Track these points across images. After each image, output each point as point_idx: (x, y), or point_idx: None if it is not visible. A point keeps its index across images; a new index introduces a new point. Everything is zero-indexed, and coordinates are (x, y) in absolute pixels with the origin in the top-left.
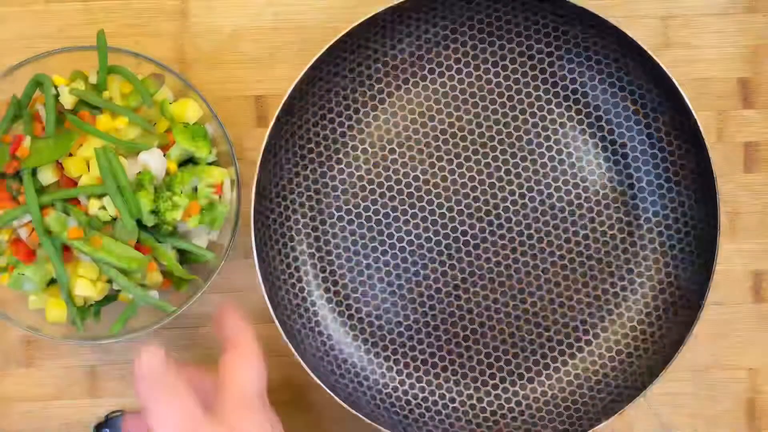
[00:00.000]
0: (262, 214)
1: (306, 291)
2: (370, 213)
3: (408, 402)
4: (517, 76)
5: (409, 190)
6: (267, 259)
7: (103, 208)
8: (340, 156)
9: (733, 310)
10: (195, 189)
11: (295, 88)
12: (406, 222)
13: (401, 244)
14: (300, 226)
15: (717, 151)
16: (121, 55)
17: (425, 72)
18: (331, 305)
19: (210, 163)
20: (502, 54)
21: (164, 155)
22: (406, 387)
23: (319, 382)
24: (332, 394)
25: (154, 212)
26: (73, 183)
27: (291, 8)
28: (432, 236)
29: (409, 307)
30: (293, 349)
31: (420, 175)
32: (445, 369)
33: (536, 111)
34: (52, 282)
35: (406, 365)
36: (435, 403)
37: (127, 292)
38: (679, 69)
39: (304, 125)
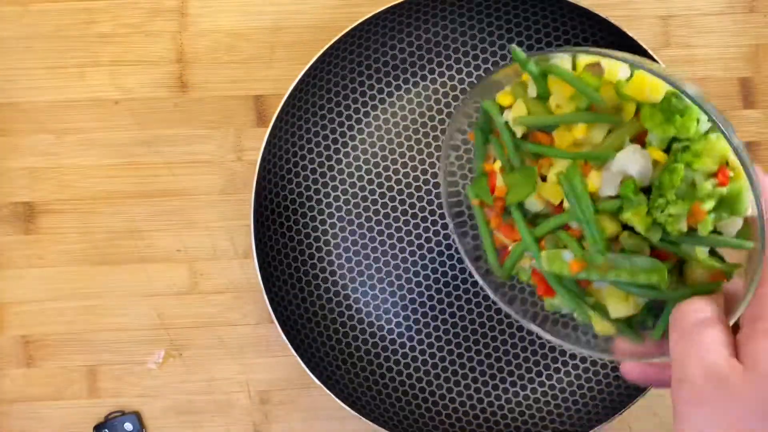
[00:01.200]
0: (262, 215)
1: (306, 291)
2: (370, 213)
3: (408, 402)
4: None
5: (410, 190)
6: (267, 259)
7: None
8: (340, 156)
9: None
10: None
11: (295, 88)
12: (406, 222)
13: (401, 244)
14: (300, 227)
15: None
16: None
17: (425, 72)
18: (331, 305)
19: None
20: (503, 54)
21: (643, 147)
22: (407, 387)
23: (318, 382)
24: (332, 394)
25: (657, 224)
26: (560, 207)
27: (291, 8)
28: (432, 236)
29: (409, 307)
30: (293, 350)
31: (420, 175)
32: (445, 369)
33: None
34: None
35: (407, 365)
36: (435, 403)
37: (664, 299)
38: (679, 69)
39: (304, 125)
